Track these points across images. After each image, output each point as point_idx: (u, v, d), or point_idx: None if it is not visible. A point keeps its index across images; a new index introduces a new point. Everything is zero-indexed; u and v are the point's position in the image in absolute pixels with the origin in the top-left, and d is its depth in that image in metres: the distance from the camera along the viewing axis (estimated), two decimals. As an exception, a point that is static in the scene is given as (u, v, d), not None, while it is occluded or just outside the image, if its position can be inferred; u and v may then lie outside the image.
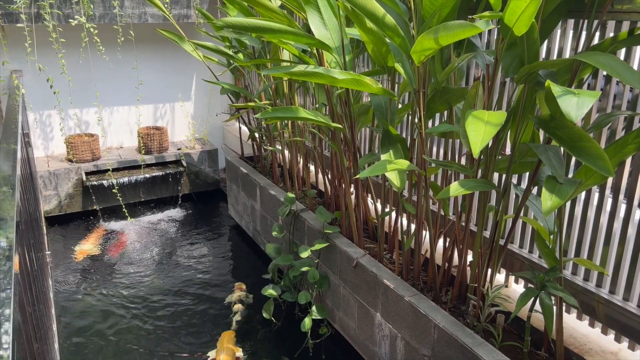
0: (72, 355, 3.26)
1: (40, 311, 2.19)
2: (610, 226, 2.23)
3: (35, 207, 3.27)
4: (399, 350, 2.72)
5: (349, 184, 3.24)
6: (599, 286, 2.32)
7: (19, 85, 3.94)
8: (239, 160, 4.90)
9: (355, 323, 3.11)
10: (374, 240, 3.35)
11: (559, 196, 1.76)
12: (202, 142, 6.07)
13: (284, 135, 4.10)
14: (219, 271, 4.35)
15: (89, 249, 4.65)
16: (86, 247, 4.69)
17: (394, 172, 2.42)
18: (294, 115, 2.52)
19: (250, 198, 4.54)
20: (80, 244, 4.76)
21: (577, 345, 2.27)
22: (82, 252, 4.56)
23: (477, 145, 1.70)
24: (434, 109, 2.52)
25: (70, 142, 5.16)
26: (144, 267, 4.39)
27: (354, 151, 2.98)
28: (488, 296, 2.35)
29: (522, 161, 2.22)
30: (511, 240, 2.72)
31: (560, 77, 2.02)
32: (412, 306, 2.54)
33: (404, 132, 3.44)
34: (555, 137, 1.85)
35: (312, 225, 3.45)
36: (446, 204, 2.80)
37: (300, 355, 3.28)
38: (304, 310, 3.50)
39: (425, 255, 3.01)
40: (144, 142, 5.52)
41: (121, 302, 3.86)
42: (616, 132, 2.15)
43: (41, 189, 5.04)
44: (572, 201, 2.38)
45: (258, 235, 4.55)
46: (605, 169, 1.68)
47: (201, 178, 5.89)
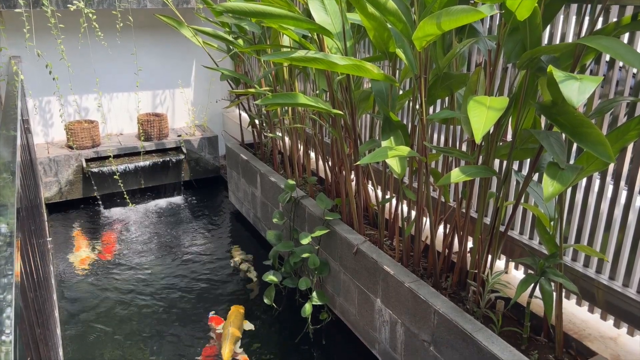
0: (75, 339, 3.29)
1: (42, 297, 2.20)
2: (611, 213, 2.23)
3: (35, 194, 3.27)
4: (399, 335, 2.73)
5: (350, 171, 3.23)
6: (598, 272, 2.33)
7: (18, 71, 3.91)
8: (239, 147, 4.88)
9: (356, 309, 3.12)
10: (374, 226, 3.35)
11: (560, 182, 1.76)
12: (202, 129, 6.06)
13: (284, 121, 4.09)
14: (219, 258, 4.36)
15: (87, 255, 4.40)
16: (82, 254, 4.41)
17: (395, 159, 2.42)
18: (294, 102, 2.51)
19: (250, 185, 4.54)
20: (73, 253, 4.42)
21: (576, 330, 2.28)
22: (82, 261, 4.29)
23: (479, 131, 1.69)
24: (435, 95, 2.51)
25: (70, 128, 5.15)
26: (144, 254, 4.40)
27: (354, 138, 2.97)
28: (488, 282, 2.36)
29: (523, 147, 2.22)
30: (511, 227, 2.72)
31: (562, 62, 2.01)
32: (412, 292, 2.55)
33: (404, 119, 3.43)
34: (556, 123, 1.84)
35: (313, 212, 3.45)
36: (447, 191, 2.80)
37: (300, 341, 3.31)
38: (305, 296, 3.51)
39: (426, 241, 3.02)
40: (144, 129, 5.50)
41: (123, 287, 3.87)
42: (618, 119, 2.14)
43: (41, 175, 5.03)
44: (573, 188, 2.38)
45: (259, 222, 4.55)
46: (606, 155, 1.68)
47: (201, 165, 5.88)
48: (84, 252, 4.44)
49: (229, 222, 5.08)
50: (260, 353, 3.20)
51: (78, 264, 4.25)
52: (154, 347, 3.22)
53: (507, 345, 2.15)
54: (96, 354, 3.16)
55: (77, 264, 4.25)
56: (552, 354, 2.21)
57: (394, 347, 2.79)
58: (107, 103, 5.62)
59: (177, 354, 3.17)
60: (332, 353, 3.24)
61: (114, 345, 3.24)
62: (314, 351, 3.23)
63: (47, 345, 2.07)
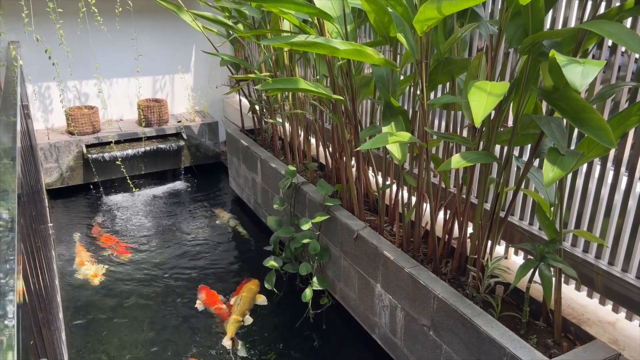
0: (78, 323, 3.32)
1: (44, 281, 2.22)
2: (611, 198, 2.23)
3: (36, 180, 3.27)
4: (398, 320, 2.75)
5: (350, 157, 3.23)
6: (598, 258, 2.33)
7: (17, 56, 3.89)
8: (239, 133, 4.88)
9: (356, 294, 3.14)
10: (374, 212, 3.36)
11: (560, 168, 1.76)
12: (203, 115, 6.04)
13: (285, 107, 4.07)
14: (220, 243, 4.38)
15: (95, 270, 3.94)
16: (89, 270, 3.93)
17: (395, 145, 2.41)
18: (294, 87, 2.50)
19: (251, 171, 4.54)
20: (80, 269, 3.96)
21: (575, 315, 2.29)
22: (94, 276, 3.85)
23: (478, 116, 1.68)
24: (436, 81, 2.49)
25: (70, 114, 5.14)
26: (145, 240, 4.42)
27: (355, 123, 2.96)
28: (488, 267, 2.37)
29: (524, 133, 2.21)
30: (511, 213, 2.72)
31: (564, 47, 1.99)
32: (412, 277, 2.56)
33: (405, 104, 3.41)
34: (558, 108, 1.84)
35: (313, 198, 3.46)
36: (447, 177, 2.80)
37: (301, 325, 3.33)
38: (305, 282, 3.53)
39: (426, 227, 3.03)
40: (144, 115, 5.49)
41: (125, 272, 3.89)
42: (620, 104, 2.13)
43: (42, 161, 5.04)
44: (573, 173, 2.38)
45: (259, 208, 4.56)
46: (607, 141, 1.67)
47: (202, 151, 5.88)
48: (93, 266, 4.00)
49: (230, 208, 5.10)
50: (260, 337, 3.23)
51: (91, 279, 3.84)
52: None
53: (506, 329, 2.17)
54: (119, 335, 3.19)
55: (91, 279, 3.83)
56: (551, 338, 2.23)
57: (394, 331, 2.82)
58: (107, 89, 5.60)
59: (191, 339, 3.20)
60: (332, 337, 3.26)
61: (128, 325, 3.27)
62: (314, 335, 3.26)
63: (50, 330, 2.08)
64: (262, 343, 3.18)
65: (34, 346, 1.40)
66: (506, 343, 2.09)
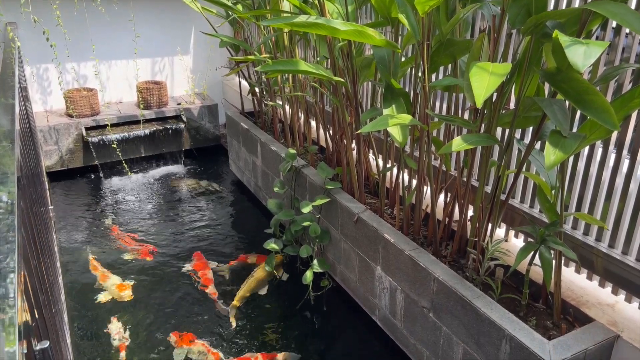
0: (80, 304, 3.34)
1: (45, 264, 2.22)
2: (613, 181, 2.23)
3: (36, 163, 3.26)
4: (398, 302, 2.77)
5: (351, 140, 3.21)
6: (598, 240, 2.34)
7: (15, 38, 3.85)
8: (239, 115, 4.85)
9: (356, 276, 3.16)
10: (375, 195, 3.36)
11: (562, 150, 1.75)
12: (202, 97, 6.01)
13: (285, 89, 4.04)
14: (221, 226, 4.38)
15: (120, 284, 3.54)
16: (113, 287, 3.51)
17: (396, 127, 2.40)
18: (294, 69, 2.48)
19: (251, 154, 4.53)
20: (106, 284, 3.54)
21: (574, 297, 2.30)
22: (122, 287, 3.49)
23: (480, 96, 1.67)
24: (438, 62, 2.47)
25: (68, 96, 5.11)
26: (146, 224, 4.43)
27: (355, 106, 2.94)
28: (488, 250, 2.37)
29: (526, 115, 2.20)
30: (512, 196, 2.72)
31: (568, 28, 1.97)
32: (412, 260, 2.57)
33: (407, 86, 3.39)
34: (560, 90, 1.82)
35: (314, 181, 3.45)
36: (448, 159, 2.79)
37: (302, 307, 3.35)
38: (306, 264, 3.55)
39: (426, 210, 3.03)
40: (143, 97, 5.45)
41: (125, 254, 3.91)
42: (623, 86, 2.12)
43: (41, 144, 5.02)
44: (575, 156, 2.37)
45: (259, 191, 4.56)
46: (610, 123, 1.66)
47: (201, 134, 5.86)
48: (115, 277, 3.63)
49: (230, 191, 5.10)
50: (261, 319, 3.25)
51: (117, 295, 3.44)
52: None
53: (505, 311, 2.18)
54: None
55: (117, 295, 3.44)
56: (550, 320, 2.24)
57: (394, 313, 2.83)
58: (105, 71, 5.56)
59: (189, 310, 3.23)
60: (332, 319, 3.29)
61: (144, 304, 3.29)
62: (314, 317, 3.29)
63: (52, 312, 2.10)
64: (263, 324, 3.20)
65: (36, 328, 1.41)
66: (505, 325, 2.10)
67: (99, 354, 2.94)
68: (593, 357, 2.06)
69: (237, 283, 3.56)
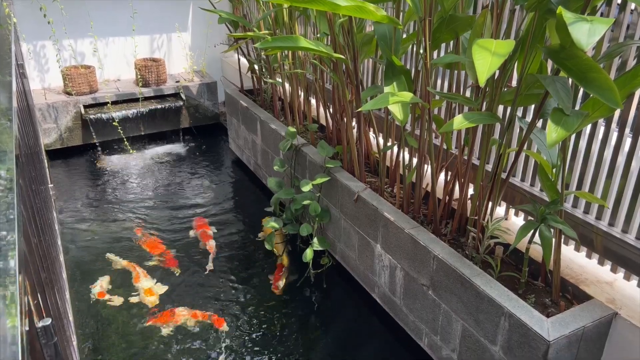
0: (81, 282, 3.36)
1: (46, 242, 2.23)
2: (614, 160, 2.22)
3: (35, 141, 3.25)
4: (398, 280, 2.79)
5: (351, 118, 3.19)
6: (598, 219, 2.34)
7: (11, 14, 3.79)
8: (238, 93, 4.82)
9: (356, 254, 3.17)
10: (375, 174, 3.35)
11: (564, 128, 1.74)
12: (201, 75, 5.95)
13: (284, 67, 4.00)
14: (221, 204, 4.39)
15: (147, 289, 3.31)
16: (142, 290, 3.31)
17: (397, 105, 2.38)
18: (294, 45, 2.44)
19: (250, 132, 4.51)
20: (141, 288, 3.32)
21: (573, 275, 2.32)
22: (149, 292, 3.27)
23: (483, 75, 1.65)
24: (440, 39, 2.44)
25: (66, 74, 5.06)
26: (146, 202, 4.43)
27: (356, 84, 2.91)
28: (488, 228, 2.38)
29: (528, 93, 2.18)
30: (513, 174, 2.71)
31: (572, 4, 1.93)
32: (412, 238, 2.58)
33: (408, 64, 3.35)
34: (564, 67, 1.80)
35: (314, 159, 3.44)
36: (449, 138, 2.77)
37: (302, 284, 3.38)
38: (306, 242, 3.56)
39: (426, 188, 3.02)
40: (142, 75, 5.40)
41: (126, 234, 3.92)
42: (627, 63, 2.09)
43: (40, 121, 4.99)
44: (576, 134, 2.36)
45: (259, 170, 4.55)
46: (613, 101, 1.64)
47: (201, 112, 5.82)
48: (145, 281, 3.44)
49: (230, 170, 5.09)
50: (262, 296, 3.27)
51: (143, 298, 3.24)
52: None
53: (504, 289, 2.20)
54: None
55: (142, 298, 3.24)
56: (549, 297, 2.26)
57: (393, 290, 2.85)
58: (103, 48, 5.50)
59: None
60: (332, 296, 3.31)
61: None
62: (314, 294, 3.31)
63: (54, 289, 2.11)
64: (263, 301, 3.23)
65: (38, 305, 1.41)
66: (504, 302, 2.12)
67: (100, 329, 2.98)
68: (591, 334, 2.08)
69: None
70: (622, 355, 2.12)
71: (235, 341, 2.92)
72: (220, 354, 2.83)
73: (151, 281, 3.41)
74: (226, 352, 2.84)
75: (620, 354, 2.12)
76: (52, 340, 1.27)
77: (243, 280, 3.43)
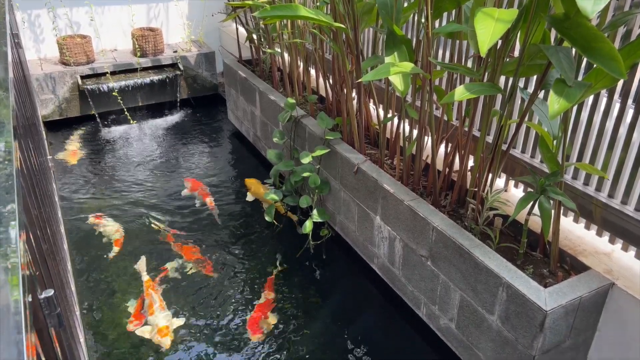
0: (82, 253, 3.38)
1: (46, 213, 2.23)
2: (616, 131, 2.21)
3: (32, 112, 3.22)
4: (397, 251, 2.81)
5: (351, 89, 3.16)
6: (598, 190, 2.34)
7: (3, -19, 3.71)
8: (237, 63, 4.76)
9: (355, 226, 3.18)
10: (375, 146, 3.34)
11: (566, 99, 1.72)
12: (199, 45, 5.87)
13: (283, 36, 3.94)
14: (221, 176, 4.39)
15: (161, 328, 2.80)
16: (154, 328, 2.81)
17: (398, 76, 2.35)
18: (293, 14, 2.40)
19: (249, 104, 4.47)
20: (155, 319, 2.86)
21: (571, 246, 2.33)
22: (164, 332, 2.78)
23: (485, 43, 1.63)
24: (442, 8, 2.39)
25: (62, 43, 4.98)
26: (145, 173, 4.42)
27: (356, 54, 2.87)
28: (487, 200, 2.38)
29: (530, 64, 2.15)
30: (513, 146, 2.70)
31: (578, -29, 1.89)
32: (412, 210, 2.59)
33: (409, 33, 3.30)
34: (568, 37, 1.77)
35: (313, 131, 3.42)
36: (450, 109, 2.75)
37: (301, 256, 3.40)
38: (306, 214, 3.57)
39: (426, 160, 3.02)
40: (139, 44, 5.33)
41: (125, 202, 3.93)
42: (632, 33, 2.06)
43: (37, 92, 4.95)
44: (578, 105, 2.34)
45: (258, 141, 4.54)
46: (617, 71, 1.62)
47: (199, 82, 5.77)
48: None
49: (229, 142, 5.07)
50: (261, 267, 3.30)
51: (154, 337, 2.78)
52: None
53: (503, 260, 2.21)
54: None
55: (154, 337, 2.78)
56: (547, 268, 2.28)
57: (392, 261, 2.88)
58: (99, 17, 5.40)
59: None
60: (332, 267, 3.34)
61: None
62: (314, 265, 3.34)
63: (55, 260, 2.12)
64: (264, 271, 3.26)
65: (40, 277, 1.42)
66: (503, 273, 2.14)
67: (102, 301, 3.01)
68: (587, 304, 2.11)
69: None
70: (617, 325, 2.15)
71: (232, 311, 2.96)
72: (218, 318, 2.87)
73: (167, 314, 2.89)
74: (223, 320, 2.88)
75: (616, 324, 2.15)
76: (55, 311, 1.28)
77: (243, 251, 3.46)
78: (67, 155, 4.66)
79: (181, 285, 3.14)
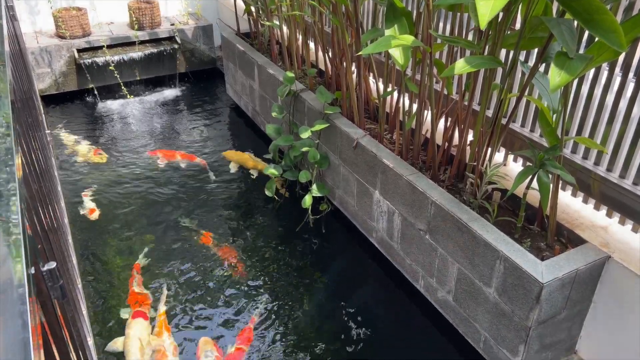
0: (83, 230, 3.41)
1: (46, 188, 2.24)
2: (616, 105, 2.20)
3: (29, 86, 3.20)
4: (396, 225, 2.83)
5: (351, 63, 3.14)
6: (596, 164, 2.35)
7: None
8: (235, 36, 4.70)
9: (355, 200, 3.20)
10: (374, 120, 3.33)
11: (568, 72, 1.71)
12: (196, 17, 5.79)
13: (282, 9, 3.89)
14: (219, 152, 4.38)
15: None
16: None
17: (398, 49, 2.33)
18: (293, -14, 2.36)
19: (248, 77, 4.44)
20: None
21: (569, 220, 2.35)
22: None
23: (485, 16, 1.61)
24: (443, -21, 2.35)
25: (58, 16, 4.91)
26: (142, 150, 4.42)
27: (356, 26, 2.84)
28: (486, 174, 2.39)
29: (531, 36, 2.12)
30: (513, 120, 2.70)
31: (582, -59, 1.86)
32: (411, 184, 2.59)
33: (409, 5, 3.26)
34: (569, 9, 1.75)
35: (313, 105, 3.41)
36: (450, 83, 2.74)
37: (301, 230, 3.43)
38: (305, 189, 3.58)
39: (426, 135, 3.01)
40: (136, 17, 5.25)
41: (124, 178, 3.94)
42: (634, 5, 2.03)
43: (33, 66, 4.90)
44: (578, 80, 2.32)
45: (257, 116, 4.52)
46: (618, 43, 1.61)
47: (197, 56, 5.71)
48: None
49: (227, 116, 5.05)
50: (262, 240, 3.33)
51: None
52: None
53: (500, 233, 2.23)
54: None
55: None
56: (544, 241, 2.30)
57: (391, 235, 2.90)
58: (94, -11, 5.32)
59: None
60: (331, 240, 3.37)
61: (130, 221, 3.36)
62: (313, 238, 3.37)
63: (57, 233, 2.14)
64: (264, 245, 3.29)
65: (42, 250, 1.44)
66: (500, 246, 2.16)
67: (102, 274, 3.05)
68: (583, 277, 2.13)
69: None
70: (613, 297, 2.18)
71: (232, 286, 2.99)
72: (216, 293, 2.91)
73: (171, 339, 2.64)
74: (223, 291, 2.92)
75: (611, 296, 2.19)
76: (57, 283, 1.30)
77: (242, 226, 3.48)
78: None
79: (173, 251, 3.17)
